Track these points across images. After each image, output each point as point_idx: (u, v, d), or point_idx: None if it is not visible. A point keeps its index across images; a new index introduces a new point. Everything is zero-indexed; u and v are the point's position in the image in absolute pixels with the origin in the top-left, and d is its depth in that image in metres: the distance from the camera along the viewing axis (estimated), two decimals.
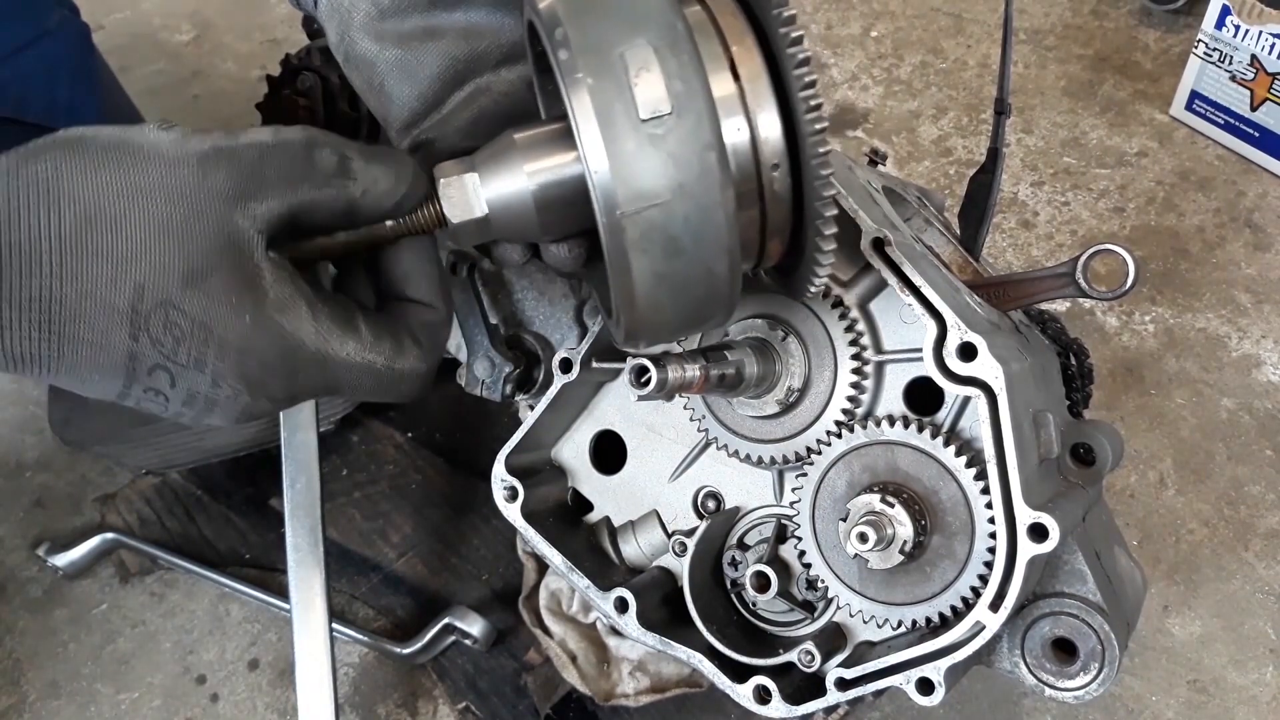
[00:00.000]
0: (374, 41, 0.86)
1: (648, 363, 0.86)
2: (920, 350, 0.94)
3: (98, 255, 0.67)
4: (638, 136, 0.67)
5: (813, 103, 0.72)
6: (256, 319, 0.71)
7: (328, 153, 0.74)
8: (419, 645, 1.53)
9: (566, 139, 0.73)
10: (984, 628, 0.93)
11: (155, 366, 0.70)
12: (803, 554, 1.03)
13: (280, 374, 0.73)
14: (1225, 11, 2.03)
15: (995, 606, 0.92)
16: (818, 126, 0.72)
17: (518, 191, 0.77)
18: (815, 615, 1.08)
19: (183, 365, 0.71)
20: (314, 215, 0.74)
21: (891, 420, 0.99)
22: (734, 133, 0.72)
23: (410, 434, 1.76)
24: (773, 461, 1.05)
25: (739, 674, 1.05)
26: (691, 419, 1.09)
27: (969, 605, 0.95)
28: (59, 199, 0.67)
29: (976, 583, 0.95)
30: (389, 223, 0.79)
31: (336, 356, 0.76)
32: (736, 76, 0.73)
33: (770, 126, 0.74)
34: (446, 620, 1.52)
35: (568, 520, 1.19)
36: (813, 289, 0.82)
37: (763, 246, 0.80)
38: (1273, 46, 1.99)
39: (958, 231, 1.30)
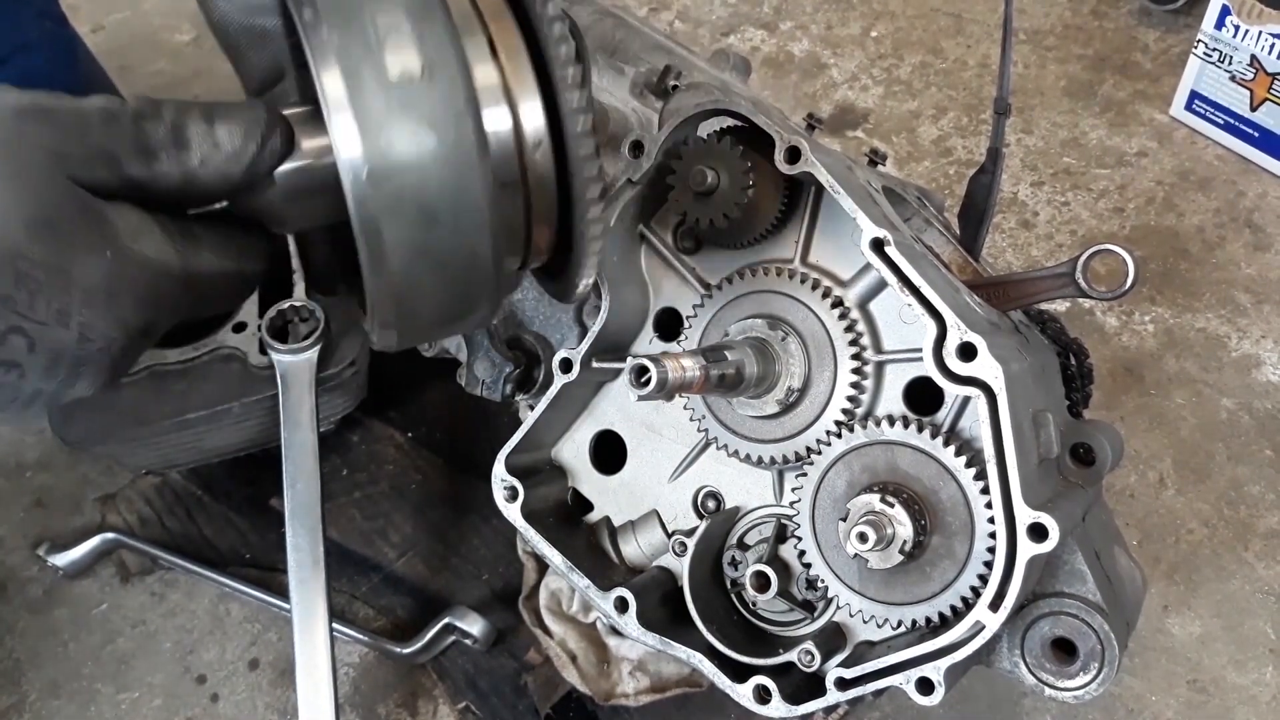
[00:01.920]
0: (228, 5, 0.85)
1: (648, 363, 0.86)
2: (920, 350, 0.94)
3: None
4: (388, 99, 0.64)
5: (571, 80, 0.70)
6: (116, 254, 0.64)
7: (156, 125, 0.67)
8: (419, 645, 1.53)
9: (315, 120, 0.70)
10: (984, 627, 0.93)
11: (8, 331, 0.61)
12: (803, 554, 1.03)
13: (151, 303, 0.68)
14: (1225, 11, 2.03)
15: (995, 606, 0.92)
16: (576, 104, 0.71)
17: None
18: (815, 615, 1.08)
19: (41, 323, 0.62)
20: (150, 189, 0.68)
21: (891, 420, 0.99)
22: (492, 107, 0.70)
23: (410, 434, 1.76)
24: (773, 461, 1.05)
25: (739, 674, 1.05)
26: (691, 419, 1.09)
27: (969, 605, 0.95)
28: None
29: (976, 582, 0.95)
30: None
31: (198, 270, 0.71)
32: (495, 52, 0.71)
33: (531, 109, 0.71)
34: (446, 620, 1.52)
35: (568, 520, 1.19)
36: (580, 285, 0.79)
37: (529, 234, 0.76)
38: (1272, 46, 1.99)
39: (958, 231, 1.30)
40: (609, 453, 1.18)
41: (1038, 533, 0.90)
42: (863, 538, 0.93)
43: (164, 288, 0.68)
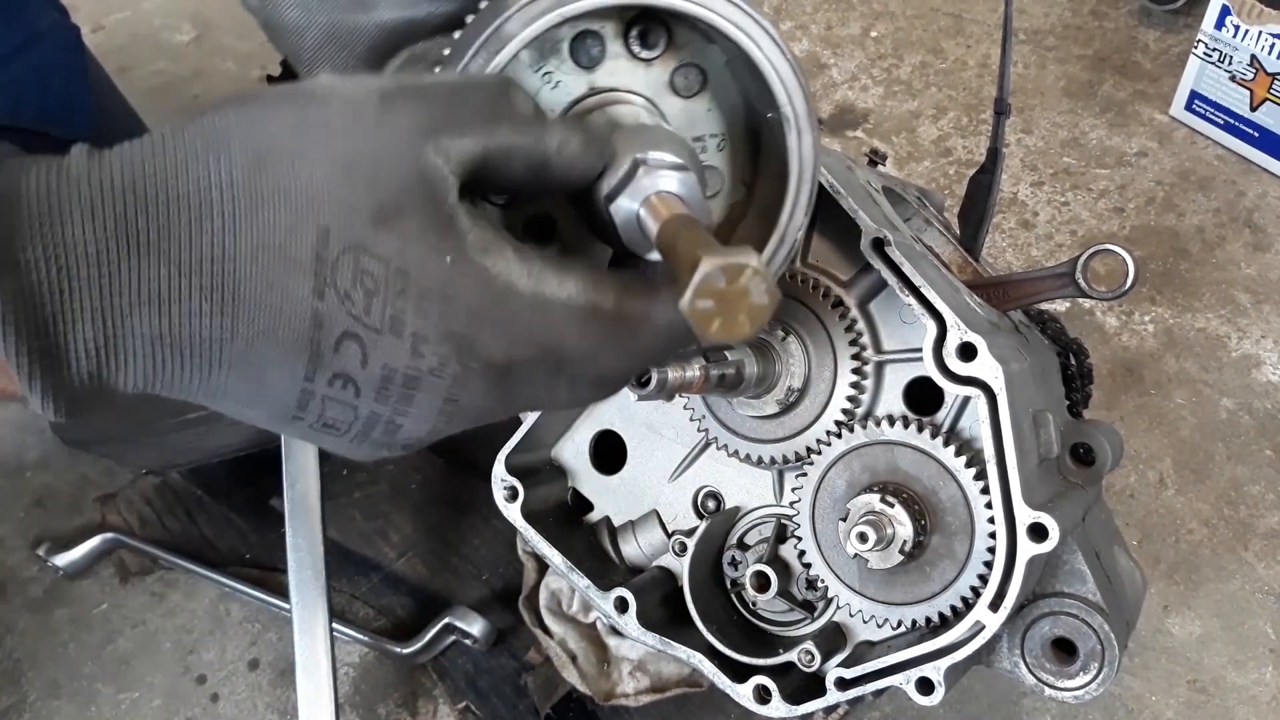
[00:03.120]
0: (300, 10, 0.80)
1: None
2: (920, 350, 0.94)
3: (274, 198, 0.56)
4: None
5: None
6: (458, 261, 0.59)
7: (524, 97, 0.65)
8: (419, 645, 1.53)
9: None
10: (984, 627, 0.93)
11: (344, 336, 0.58)
12: (803, 554, 1.03)
13: (491, 325, 0.60)
14: (1225, 11, 2.03)
15: (995, 606, 0.92)
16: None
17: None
18: (815, 615, 1.08)
19: (376, 330, 0.58)
20: (509, 165, 0.63)
21: (891, 420, 0.99)
22: None
23: None
24: (773, 461, 1.05)
25: (739, 674, 1.05)
26: (691, 419, 1.09)
27: (969, 605, 0.95)
28: (228, 144, 0.57)
29: (976, 582, 0.95)
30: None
31: (556, 299, 0.62)
32: None
33: None
34: (446, 620, 1.52)
35: (568, 520, 1.19)
36: None
37: None
38: (1272, 46, 1.99)
39: (958, 231, 1.30)
40: (609, 453, 1.18)
41: (1038, 533, 0.90)
42: (863, 538, 0.93)
43: (510, 309, 0.61)
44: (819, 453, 1.02)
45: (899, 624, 1.00)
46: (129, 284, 0.55)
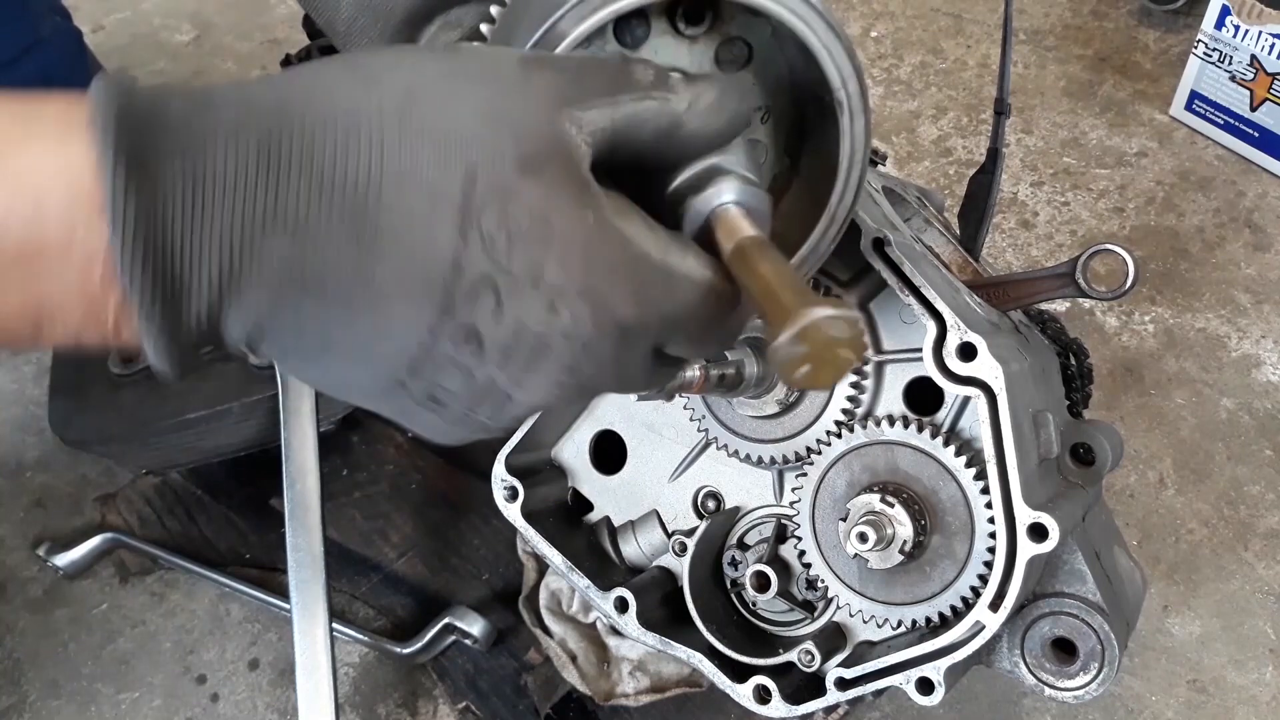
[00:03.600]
0: None
1: None
2: (920, 350, 0.94)
3: (423, 133, 0.56)
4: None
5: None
6: (598, 221, 0.59)
7: (643, 66, 0.65)
8: (419, 645, 1.53)
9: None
10: (984, 627, 0.93)
11: (481, 281, 0.57)
12: (803, 554, 1.03)
13: (627, 286, 0.60)
14: (1225, 11, 2.03)
15: (995, 606, 0.92)
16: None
17: None
18: (815, 615, 1.08)
19: (514, 277, 0.57)
20: (639, 132, 0.64)
21: (891, 420, 0.99)
22: None
23: (410, 434, 1.76)
24: (773, 461, 1.05)
25: (739, 674, 1.05)
26: (691, 419, 1.09)
27: (969, 605, 0.95)
28: (379, 78, 0.57)
29: (976, 582, 0.95)
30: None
31: (680, 271, 0.63)
32: None
33: None
34: (446, 620, 1.52)
35: (568, 520, 1.19)
36: None
37: None
38: (1273, 46, 1.99)
39: (958, 231, 1.31)
40: (609, 453, 1.18)
41: (1038, 533, 0.90)
42: (863, 538, 0.93)
43: (643, 274, 0.61)
44: (819, 453, 1.02)
45: (899, 624, 1.00)
46: (266, 204, 0.53)
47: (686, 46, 0.76)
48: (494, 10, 0.73)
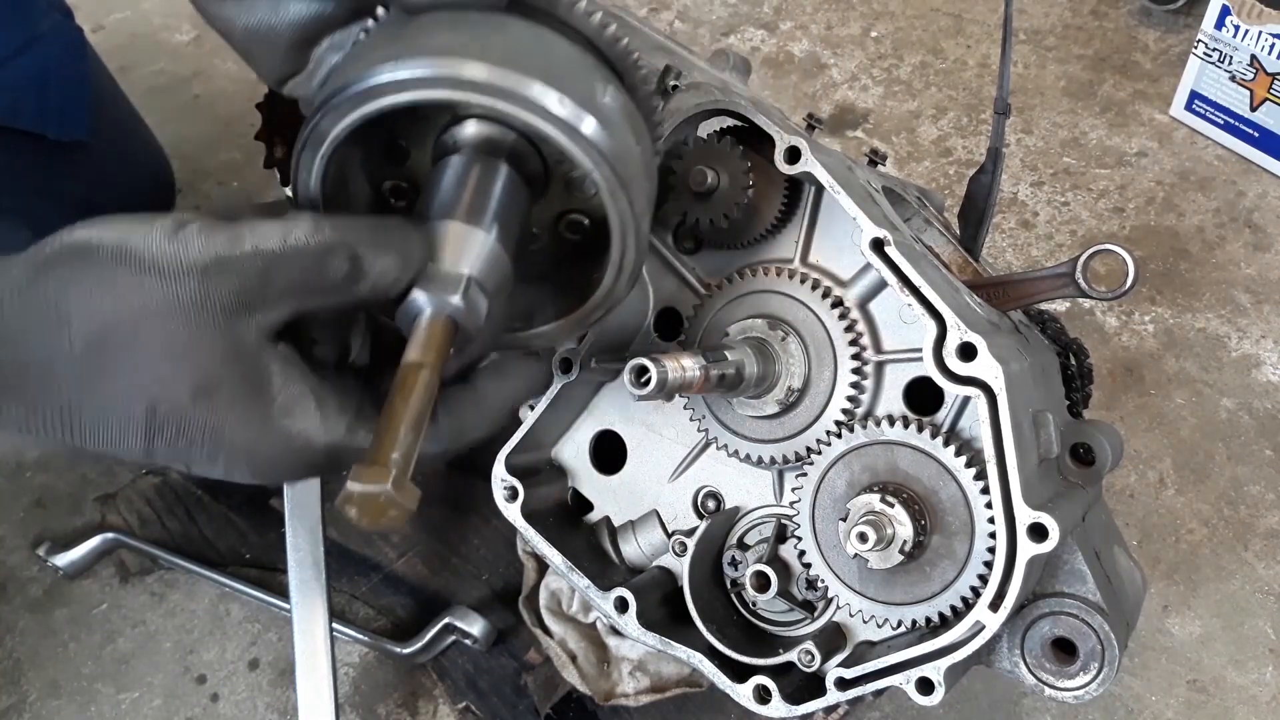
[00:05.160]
0: (220, 14, 0.87)
1: (647, 363, 0.86)
2: (920, 350, 0.94)
3: (110, 375, 0.69)
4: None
5: (642, 74, 0.86)
6: (263, 426, 0.73)
7: (339, 259, 0.72)
8: (419, 645, 1.53)
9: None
10: (984, 627, 0.93)
11: (171, 458, 0.73)
12: (803, 554, 1.03)
13: (290, 468, 0.76)
14: (1225, 11, 2.03)
15: (995, 606, 0.92)
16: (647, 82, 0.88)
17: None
18: (815, 615, 1.08)
19: (196, 462, 0.74)
20: (320, 315, 0.76)
21: (891, 420, 0.99)
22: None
23: None
24: (773, 461, 1.05)
25: (739, 674, 1.05)
26: (691, 419, 1.09)
27: (969, 605, 0.95)
28: (70, 320, 0.69)
29: (976, 582, 0.95)
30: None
31: (349, 447, 0.78)
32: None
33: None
34: (446, 620, 1.52)
35: (568, 520, 1.19)
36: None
37: None
38: (1272, 46, 1.99)
39: (958, 231, 1.31)
40: (609, 453, 1.18)
41: (1038, 533, 0.90)
42: (863, 538, 0.93)
43: (306, 456, 0.75)
44: (819, 453, 1.02)
45: (899, 624, 1.00)
46: None
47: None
48: (359, 36, 0.82)
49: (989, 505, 0.94)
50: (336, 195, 0.81)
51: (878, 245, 0.94)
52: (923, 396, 1.01)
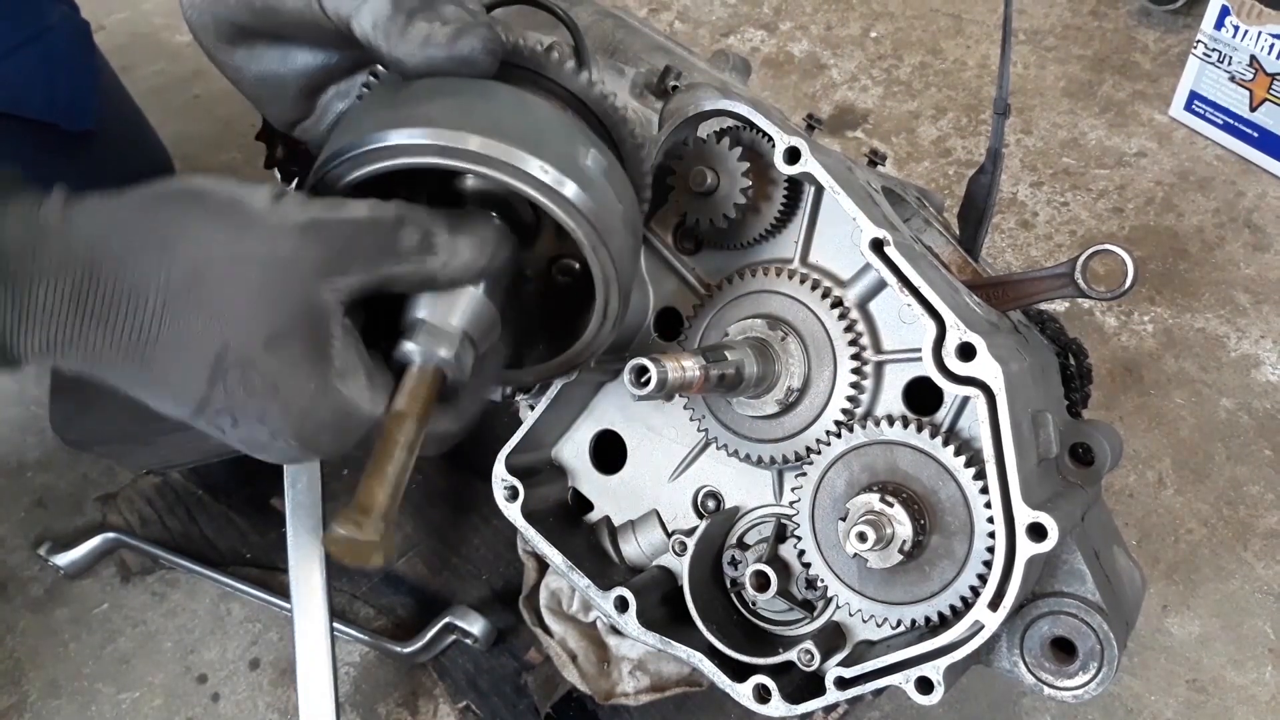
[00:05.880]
0: (230, 63, 0.92)
1: (647, 363, 0.86)
2: (919, 350, 0.94)
3: (196, 308, 0.73)
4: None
5: (636, 139, 0.92)
6: (320, 385, 0.76)
7: (411, 230, 0.78)
8: (419, 644, 1.53)
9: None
10: (983, 627, 0.93)
11: (222, 409, 0.76)
12: (802, 553, 1.03)
13: (332, 435, 0.79)
14: (1224, 12, 2.04)
15: (994, 606, 0.92)
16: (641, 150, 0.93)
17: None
18: (815, 614, 1.08)
19: (247, 416, 0.76)
20: (394, 286, 0.79)
21: (891, 420, 0.99)
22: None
23: None
24: (772, 461, 1.06)
25: (739, 673, 1.05)
26: (691, 419, 1.09)
27: (968, 604, 0.95)
28: (174, 251, 0.73)
29: (975, 582, 0.95)
30: None
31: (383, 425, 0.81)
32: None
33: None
34: (447, 619, 1.52)
35: (568, 520, 1.19)
36: None
37: None
38: (1272, 47, 1.99)
39: (958, 231, 1.31)
40: (609, 453, 1.18)
41: (1037, 532, 0.90)
42: (862, 537, 0.93)
43: (350, 425, 0.78)
44: (819, 452, 1.02)
45: (898, 623, 1.00)
46: (70, 335, 0.73)
47: None
48: (361, 89, 0.90)
49: (988, 505, 0.94)
50: None
51: (877, 245, 0.95)
52: (922, 396, 1.01)
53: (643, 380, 0.86)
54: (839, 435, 1.01)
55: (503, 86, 0.83)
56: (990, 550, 0.94)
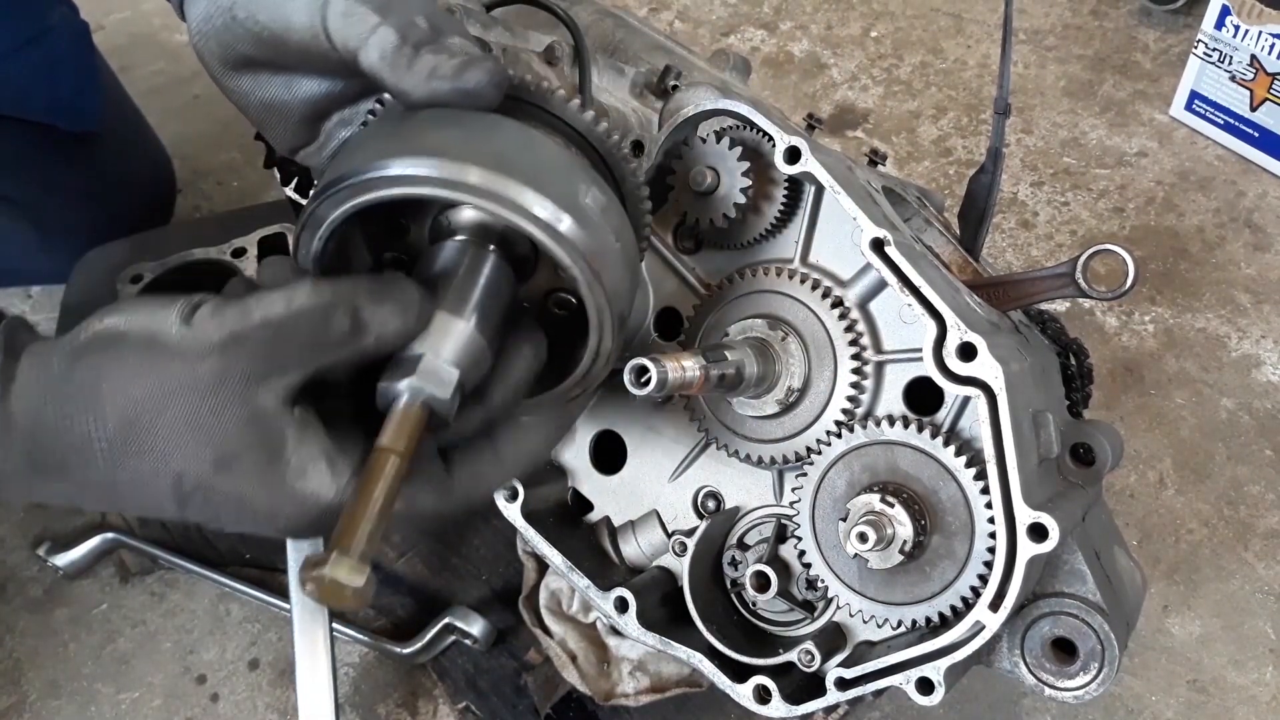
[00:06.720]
0: (236, 88, 0.94)
1: (647, 363, 0.86)
2: (920, 350, 0.94)
3: (140, 453, 0.75)
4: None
5: (633, 170, 0.92)
6: (279, 489, 0.77)
7: (340, 315, 0.76)
8: (419, 645, 1.53)
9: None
10: (984, 627, 0.93)
11: (200, 517, 0.79)
12: (803, 554, 1.03)
13: (307, 526, 0.80)
14: (1225, 11, 2.03)
15: (995, 606, 0.92)
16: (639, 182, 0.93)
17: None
18: (815, 615, 1.08)
19: (224, 521, 0.79)
20: (332, 374, 0.78)
21: (891, 420, 0.99)
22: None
23: None
24: (772, 461, 1.05)
25: (739, 674, 1.05)
26: (691, 419, 1.09)
27: (969, 605, 0.95)
28: (102, 407, 0.75)
29: (976, 582, 0.95)
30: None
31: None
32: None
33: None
34: (447, 620, 1.52)
35: (568, 520, 1.19)
36: None
37: None
38: (1272, 46, 1.99)
39: (958, 231, 1.31)
40: (609, 453, 1.18)
41: (1038, 533, 0.90)
42: (863, 538, 0.93)
43: (319, 513, 0.79)
44: (819, 453, 1.02)
45: (899, 624, 1.00)
46: (42, 493, 0.78)
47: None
48: (366, 117, 0.90)
49: (989, 505, 0.94)
50: (339, 267, 0.85)
51: (878, 245, 0.95)
52: (923, 396, 1.01)
53: (643, 380, 0.86)
54: (839, 435, 1.01)
55: (506, 120, 0.83)
56: (991, 550, 0.94)
